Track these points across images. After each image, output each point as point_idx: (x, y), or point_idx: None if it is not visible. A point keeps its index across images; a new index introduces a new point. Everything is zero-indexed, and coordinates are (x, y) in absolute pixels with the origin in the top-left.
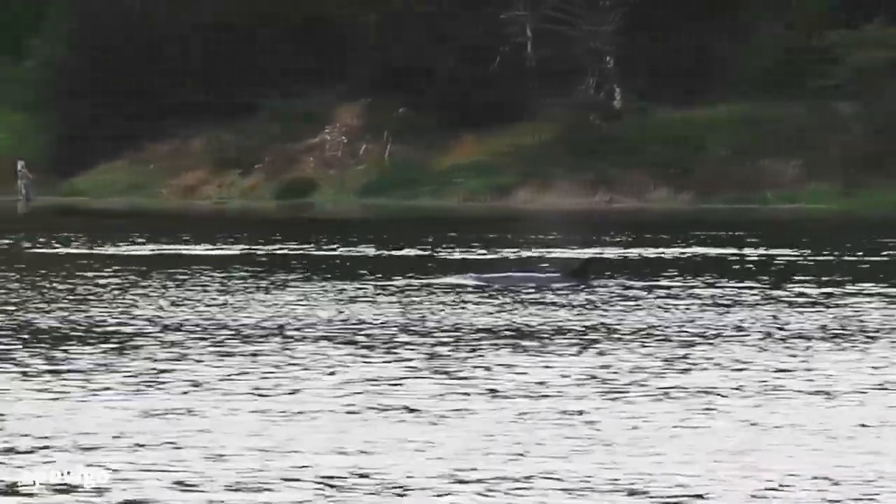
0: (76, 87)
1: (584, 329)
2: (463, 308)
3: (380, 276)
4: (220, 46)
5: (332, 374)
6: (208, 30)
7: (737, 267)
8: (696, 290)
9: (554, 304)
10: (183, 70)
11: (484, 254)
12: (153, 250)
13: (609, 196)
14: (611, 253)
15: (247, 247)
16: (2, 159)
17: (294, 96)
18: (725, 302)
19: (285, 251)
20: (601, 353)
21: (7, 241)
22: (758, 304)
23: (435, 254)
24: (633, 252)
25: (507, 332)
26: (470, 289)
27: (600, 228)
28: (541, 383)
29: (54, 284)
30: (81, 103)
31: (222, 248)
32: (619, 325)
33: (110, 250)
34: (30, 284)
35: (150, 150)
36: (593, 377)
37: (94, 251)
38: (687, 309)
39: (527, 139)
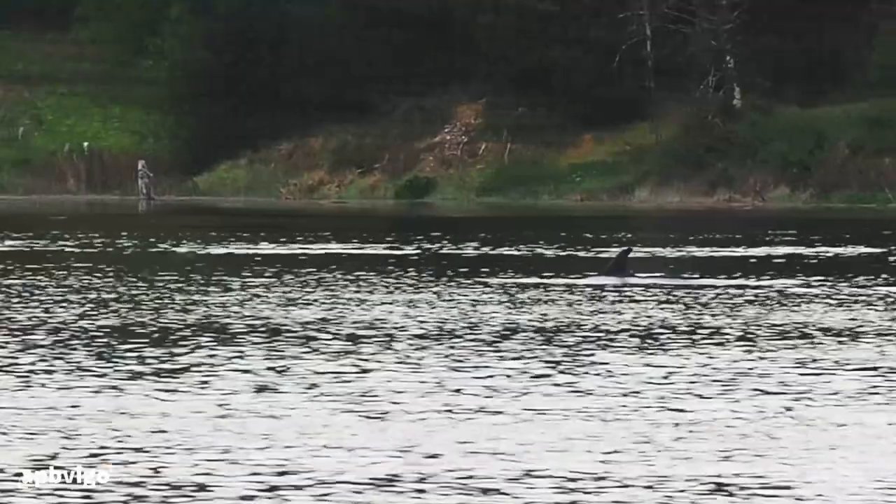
0: (197, 87)
1: (691, 328)
2: (574, 308)
3: (493, 275)
4: (339, 46)
5: (443, 374)
6: (329, 29)
7: (854, 265)
8: (813, 290)
9: (665, 303)
10: (303, 69)
11: (597, 253)
12: (269, 249)
13: (728, 195)
14: (729, 252)
15: (364, 246)
16: (123, 158)
17: (414, 95)
18: (844, 301)
19: (402, 250)
20: (712, 353)
21: (127, 241)
22: (873, 304)
23: (550, 253)
24: (753, 251)
25: (617, 332)
26: (582, 288)
27: (718, 227)
28: (648, 382)
29: (169, 283)
30: (203, 103)
31: (341, 247)
32: (736, 324)
33: (226, 249)
34: (147, 283)
35: (270, 150)
36: (704, 376)
37: (210, 250)
38: (801, 308)
39: (646, 138)
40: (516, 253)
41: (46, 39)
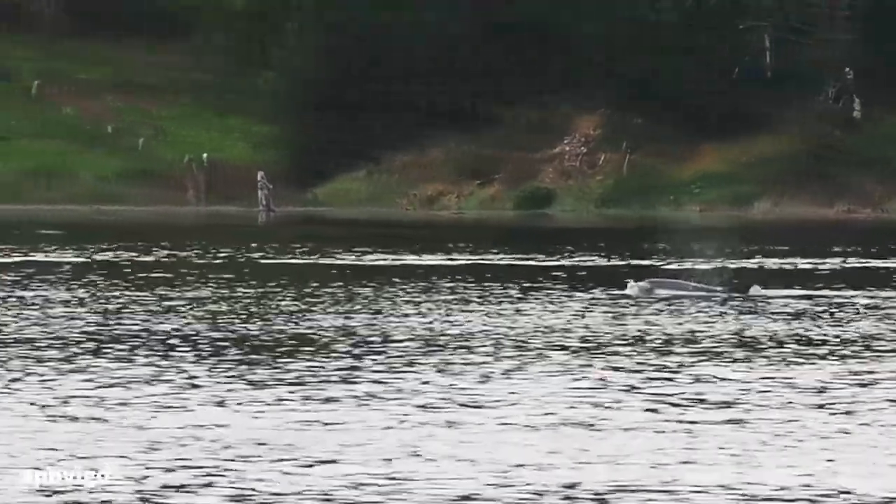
0: (317, 98)
1: (805, 339)
2: (686, 317)
3: (604, 286)
4: (460, 57)
5: (541, 384)
6: (449, 41)
7: None
8: None
9: (779, 314)
10: (423, 81)
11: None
12: (380, 260)
13: (848, 206)
14: (851, 263)
15: (479, 257)
16: (242, 169)
17: (534, 107)
18: None
19: (517, 261)
20: (818, 364)
21: (244, 252)
22: None
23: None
24: (872, 262)
25: (734, 343)
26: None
27: (838, 239)
28: (766, 392)
29: (281, 294)
30: (322, 114)
31: (454, 258)
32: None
33: (342, 260)
34: (261, 293)
35: (389, 161)
36: (819, 388)
37: (325, 261)
38: None
39: (766, 149)
40: (624, 263)
41: (167, 50)
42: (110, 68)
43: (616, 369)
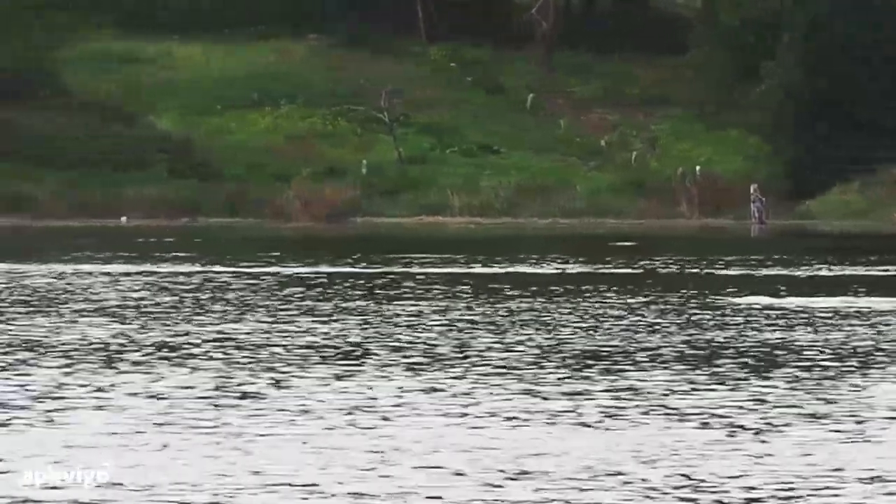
0: (811, 110)
1: None
2: None
3: None
4: None
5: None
6: None
7: None
8: None
9: None
10: None
11: None
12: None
13: None
14: None
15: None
16: (734, 182)
17: None
18: None
19: None
20: None
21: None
22: None
23: None
24: None
25: None
26: None
27: None
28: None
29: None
30: (816, 126)
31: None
32: None
33: (811, 273)
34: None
35: (884, 174)
36: None
37: (778, 273)
38: None
39: None
40: None
41: (660, 64)
42: (603, 82)
43: None
